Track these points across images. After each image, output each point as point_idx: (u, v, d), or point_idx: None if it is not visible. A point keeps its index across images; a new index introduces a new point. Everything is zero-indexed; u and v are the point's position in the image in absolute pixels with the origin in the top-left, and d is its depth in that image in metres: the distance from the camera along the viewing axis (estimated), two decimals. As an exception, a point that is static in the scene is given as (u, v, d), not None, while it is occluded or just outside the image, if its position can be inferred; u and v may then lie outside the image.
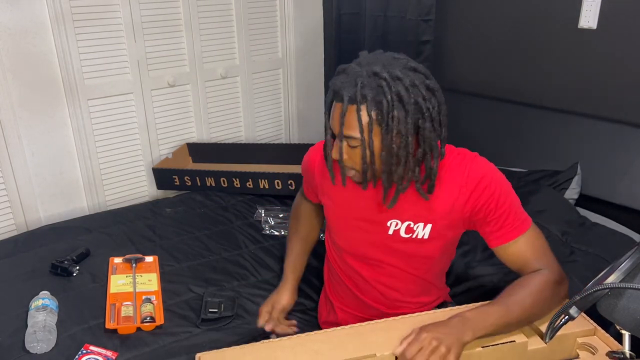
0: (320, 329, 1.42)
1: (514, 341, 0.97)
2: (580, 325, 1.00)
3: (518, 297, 1.01)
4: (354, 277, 1.28)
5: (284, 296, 1.36)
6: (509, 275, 1.61)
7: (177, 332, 1.39)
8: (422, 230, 1.14)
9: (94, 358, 1.24)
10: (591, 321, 1.02)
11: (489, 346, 0.96)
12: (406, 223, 1.14)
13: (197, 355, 0.94)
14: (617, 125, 2.01)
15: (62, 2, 1.98)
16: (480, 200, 1.08)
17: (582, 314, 1.01)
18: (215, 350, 0.96)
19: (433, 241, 1.15)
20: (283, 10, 2.67)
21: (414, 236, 1.15)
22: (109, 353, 1.28)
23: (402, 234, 1.15)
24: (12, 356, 1.29)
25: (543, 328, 0.99)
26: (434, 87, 1.01)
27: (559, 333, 0.92)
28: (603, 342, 0.99)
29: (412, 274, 1.22)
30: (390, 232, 1.16)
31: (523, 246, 1.09)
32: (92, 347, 1.29)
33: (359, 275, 1.26)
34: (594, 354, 0.97)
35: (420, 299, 1.27)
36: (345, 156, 1.05)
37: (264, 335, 1.33)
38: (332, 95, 1.05)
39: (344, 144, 1.04)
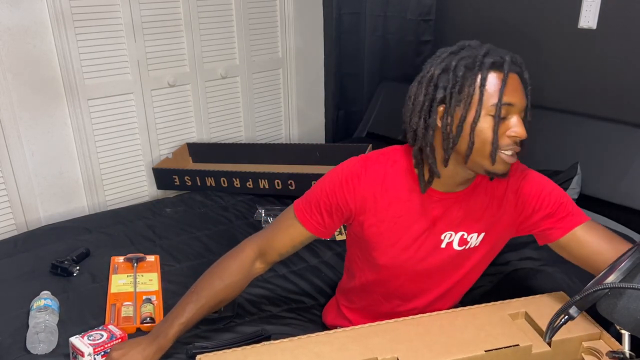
0: (322, 327, 1.43)
1: (518, 345, 0.97)
2: (585, 329, 1.00)
3: None
4: (392, 300, 1.23)
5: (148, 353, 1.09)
6: (510, 276, 1.62)
7: (177, 332, 1.39)
8: (475, 240, 1.12)
9: (99, 333, 1.23)
10: (597, 325, 1.01)
11: (492, 350, 0.95)
12: (460, 234, 1.11)
13: (198, 357, 0.94)
14: (617, 125, 2.01)
15: (62, 2, 1.98)
16: (534, 204, 1.09)
17: (587, 316, 1.01)
18: (215, 352, 0.96)
19: (482, 249, 1.14)
20: (283, 10, 2.67)
21: (466, 247, 1.12)
22: (118, 333, 1.26)
23: (455, 246, 1.12)
24: (12, 356, 1.29)
25: (544, 328, 0.99)
26: None
27: (563, 337, 0.91)
28: (608, 346, 0.98)
29: (453, 293, 1.21)
30: (443, 245, 1.12)
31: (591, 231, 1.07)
32: (109, 327, 1.28)
33: (400, 297, 1.22)
34: (599, 358, 0.96)
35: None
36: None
37: (264, 336, 1.34)
38: (511, 68, 0.99)
39: (519, 118, 1.00)
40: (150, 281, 1.58)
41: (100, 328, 1.25)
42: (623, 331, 0.86)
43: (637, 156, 1.99)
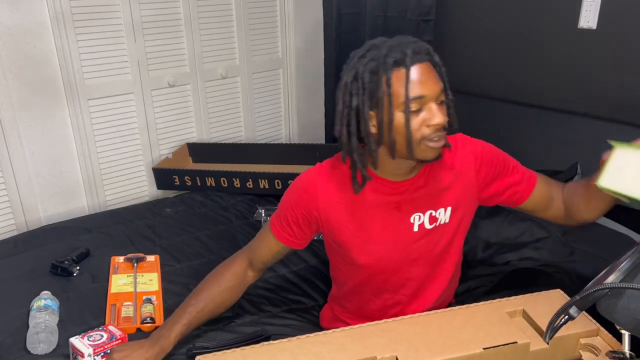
0: (321, 329, 1.43)
1: (516, 342, 0.97)
2: (582, 326, 1.00)
3: None
4: (382, 295, 1.25)
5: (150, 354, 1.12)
6: (509, 276, 1.62)
7: (177, 332, 1.39)
8: (444, 215, 1.15)
9: (99, 334, 1.23)
10: (594, 321, 1.01)
11: (490, 348, 0.96)
12: (428, 212, 1.15)
13: (197, 357, 0.94)
14: (617, 125, 2.00)
15: (62, 2, 1.98)
16: (491, 168, 1.15)
17: (585, 313, 1.01)
18: (215, 353, 0.96)
19: (453, 223, 1.17)
20: (283, 10, 2.67)
21: (437, 224, 1.16)
22: (118, 333, 1.26)
23: (427, 225, 1.15)
24: (12, 356, 1.29)
25: (543, 327, 0.99)
26: None
27: (561, 334, 0.91)
28: (606, 342, 0.98)
29: (438, 274, 1.22)
30: (416, 228, 1.15)
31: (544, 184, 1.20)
32: (109, 327, 1.28)
33: (388, 290, 1.23)
34: (596, 354, 0.97)
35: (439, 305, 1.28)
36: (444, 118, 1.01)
37: (264, 336, 1.34)
38: (414, 59, 0.99)
39: (436, 105, 1.01)
40: (150, 281, 1.58)
41: (100, 329, 1.25)
42: (623, 331, 0.86)
43: (637, 156, 1.98)
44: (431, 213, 1.15)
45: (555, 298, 1.08)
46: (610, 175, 0.86)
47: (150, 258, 1.71)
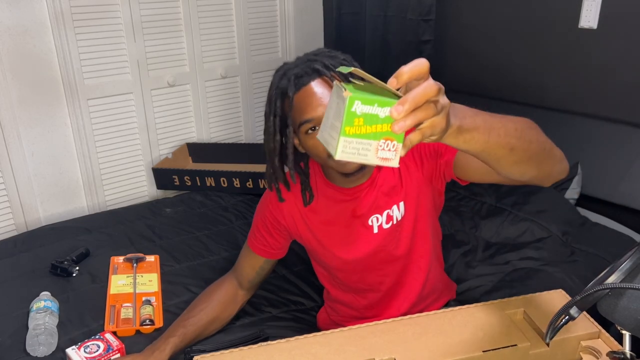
0: (318, 330, 1.42)
1: (516, 345, 0.96)
2: (584, 328, 0.99)
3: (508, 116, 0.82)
4: (366, 294, 1.27)
5: None
6: (509, 276, 1.62)
7: (176, 332, 1.39)
8: (398, 212, 1.16)
9: (96, 344, 1.24)
10: (596, 324, 1.01)
11: (489, 351, 0.95)
12: (385, 213, 1.16)
13: (195, 357, 0.94)
14: (617, 125, 2.00)
15: (62, 2, 1.98)
16: (424, 150, 1.11)
17: (586, 315, 1.01)
18: (213, 353, 0.96)
19: (409, 215, 1.17)
20: (283, 10, 2.67)
21: (394, 222, 1.16)
22: (115, 343, 1.26)
23: (385, 225, 1.16)
24: (12, 357, 1.29)
25: (544, 328, 0.99)
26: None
27: (562, 336, 0.91)
28: (607, 345, 0.98)
29: (413, 265, 1.22)
30: (375, 230, 1.16)
31: None
32: (106, 335, 1.29)
33: (368, 289, 1.25)
34: (597, 357, 0.96)
35: (426, 300, 1.28)
36: None
37: (262, 337, 1.34)
38: (295, 86, 1.01)
39: None
40: (150, 282, 1.58)
41: (97, 337, 1.26)
42: (624, 331, 0.85)
43: (637, 156, 1.98)
44: (387, 212, 1.16)
45: (556, 298, 1.07)
46: (322, 125, 0.64)
47: (150, 258, 1.71)
